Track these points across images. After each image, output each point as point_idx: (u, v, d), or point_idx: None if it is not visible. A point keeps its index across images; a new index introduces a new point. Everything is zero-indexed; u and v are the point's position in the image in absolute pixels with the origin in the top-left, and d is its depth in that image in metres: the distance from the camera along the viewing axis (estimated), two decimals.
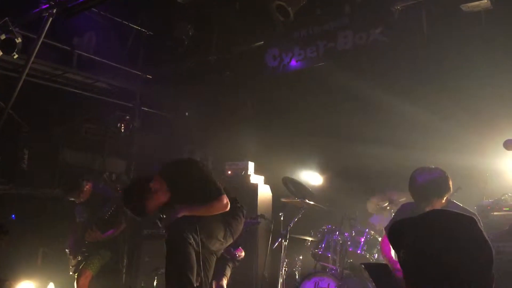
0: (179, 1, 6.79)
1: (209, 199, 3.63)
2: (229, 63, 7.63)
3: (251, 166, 6.60)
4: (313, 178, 6.43)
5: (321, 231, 5.35)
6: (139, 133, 7.73)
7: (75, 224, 5.26)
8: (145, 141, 7.69)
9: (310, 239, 5.45)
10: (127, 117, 7.49)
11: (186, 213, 3.53)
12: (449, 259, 1.34)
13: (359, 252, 5.06)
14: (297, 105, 6.89)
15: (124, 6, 7.24)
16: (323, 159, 6.47)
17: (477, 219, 1.46)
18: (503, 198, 4.23)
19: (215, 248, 3.72)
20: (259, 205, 6.23)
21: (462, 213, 1.45)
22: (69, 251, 5.20)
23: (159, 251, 3.64)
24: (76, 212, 5.26)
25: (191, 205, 3.61)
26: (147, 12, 7.72)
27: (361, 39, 6.15)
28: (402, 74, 5.95)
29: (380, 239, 4.83)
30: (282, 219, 5.45)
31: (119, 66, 7.56)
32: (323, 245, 5.21)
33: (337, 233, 5.14)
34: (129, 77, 7.81)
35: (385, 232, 3.98)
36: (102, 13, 7.12)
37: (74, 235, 5.23)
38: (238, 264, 4.71)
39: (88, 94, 7.50)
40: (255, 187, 6.39)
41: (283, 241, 5.17)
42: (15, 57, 4.66)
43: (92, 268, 5.03)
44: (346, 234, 5.12)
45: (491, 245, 1.38)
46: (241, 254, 4.60)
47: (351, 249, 5.06)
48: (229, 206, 3.71)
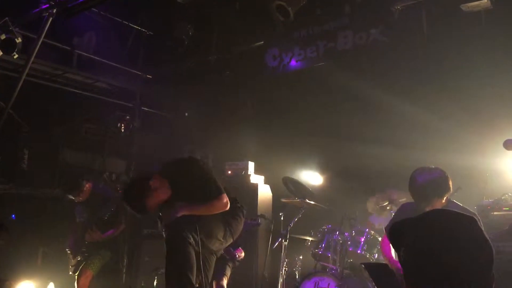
0: (179, 1, 6.79)
1: (209, 198, 3.63)
2: (229, 63, 7.63)
3: (251, 166, 6.60)
4: (313, 178, 6.43)
5: (321, 231, 5.35)
6: (139, 133, 7.73)
7: (75, 224, 5.26)
8: (145, 141, 7.68)
9: (310, 239, 5.45)
10: (127, 117, 7.49)
11: (185, 213, 3.52)
12: (449, 259, 1.34)
13: (359, 252, 5.06)
14: (297, 105, 6.88)
15: (124, 6, 7.24)
16: (323, 159, 6.47)
17: (477, 219, 1.46)
18: (503, 198, 4.23)
19: (214, 248, 3.71)
20: (259, 205, 6.23)
21: (462, 213, 1.45)
22: (69, 251, 5.20)
23: (159, 251, 3.64)
24: (76, 212, 5.26)
25: (191, 204, 3.61)
26: (147, 12, 7.72)
27: (361, 39, 6.15)
28: (402, 74, 5.95)
29: (380, 238, 4.83)
30: (282, 219, 5.45)
31: (119, 66, 7.56)
32: (323, 245, 5.21)
33: (337, 233, 5.14)
34: (129, 77, 7.80)
35: (385, 232, 3.98)
36: (102, 13, 7.12)
37: (74, 235, 5.23)
38: (238, 264, 4.72)
39: (88, 94, 7.50)
40: (255, 187, 6.39)
41: (283, 241, 5.17)
42: (15, 57, 4.66)
43: (92, 268, 5.03)
44: (346, 234, 5.12)
45: (492, 244, 1.37)
46: (240, 254, 4.60)
47: (351, 249, 5.06)
48: (229, 206, 3.71)
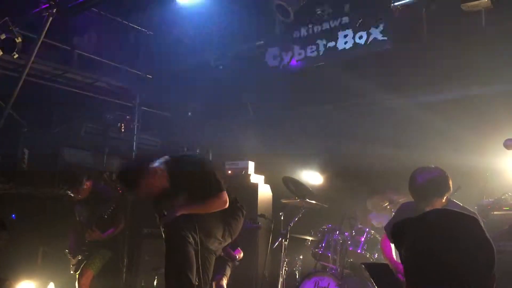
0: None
1: (209, 195, 3.63)
2: (229, 62, 7.62)
3: (251, 165, 6.60)
4: (313, 177, 6.42)
5: (321, 231, 5.35)
6: (139, 133, 7.73)
7: (75, 222, 5.26)
8: (145, 141, 7.68)
9: (310, 238, 5.45)
10: (127, 117, 7.49)
11: (184, 212, 3.52)
12: (449, 259, 1.33)
13: (359, 251, 5.05)
14: (297, 105, 6.88)
15: (124, 5, 7.24)
16: (323, 158, 6.47)
17: (478, 219, 1.45)
18: (503, 197, 4.23)
19: (213, 247, 3.70)
20: (259, 205, 6.22)
21: (463, 212, 1.44)
22: (69, 251, 5.20)
23: (159, 250, 3.63)
24: (76, 210, 5.26)
25: (189, 203, 3.61)
26: (147, 11, 7.71)
27: (361, 38, 6.15)
28: (402, 73, 5.94)
29: (380, 238, 4.83)
30: (282, 218, 5.45)
31: (119, 66, 7.56)
32: (323, 245, 5.21)
33: (337, 233, 5.13)
34: (129, 77, 7.80)
35: (385, 232, 3.98)
36: (102, 13, 7.12)
37: (74, 234, 5.23)
38: (238, 264, 4.71)
39: (88, 94, 7.50)
40: (255, 187, 6.38)
41: (283, 240, 5.17)
42: (15, 57, 4.66)
43: (93, 267, 5.03)
44: (346, 233, 5.12)
45: (493, 244, 1.37)
46: (240, 255, 4.59)
47: (351, 249, 5.06)
48: (229, 205, 3.71)
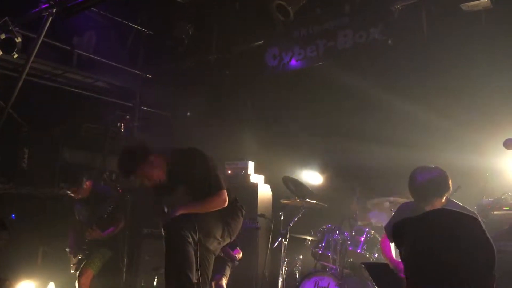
0: (179, 0, 6.79)
1: (208, 194, 3.62)
2: (229, 62, 7.63)
3: (251, 165, 6.60)
4: (313, 177, 6.42)
5: (321, 231, 5.35)
6: (139, 133, 7.72)
7: (74, 222, 5.26)
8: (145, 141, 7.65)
9: (310, 238, 5.45)
10: (127, 117, 7.48)
11: (184, 211, 3.52)
12: (449, 259, 1.33)
13: (359, 251, 5.05)
14: (297, 105, 6.88)
15: (124, 5, 7.25)
16: (323, 158, 6.46)
17: (479, 219, 1.45)
18: (503, 197, 4.22)
19: (212, 247, 3.70)
20: (259, 205, 6.22)
21: (463, 212, 1.44)
22: (69, 250, 5.20)
23: (159, 250, 3.63)
24: (75, 209, 5.26)
25: (189, 203, 3.60)
26: (147, 11, 7.72)
27: (361, 38, 6.15)
28: (402, 73, 5.94)
29: (380, 238, 4.83)
30: (282, 218, 5.45)
31: (119, 65, 7.56)
32: (323, 245, 5.21)
33: (337, 233, 5.13)
34: (129, 77, 7.80)
35: (385, 232, 3.98)
36: (102, 12, 7.12)
37: (73, 234, 5.23)
38: (237, 263, 4.71)
39: (88, 93, 7.50)
40: (255, 187, 6.38)
41: (283, 240, 5.17)
42: (15, 56, 4.65)
43: (93, 267, 5.03)
44: (346, 233, 5.12)
45: (494, 244, 1.37)
46: (239, 255, 4.60)
47: (351, 248, 5.06)
48: (229, 205, 3.71)
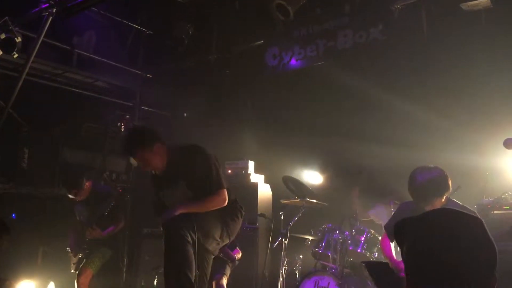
0: (179, 0, 6.78)
1: (209, 193, 3.62)
2: (229, 62, 7.62)
3: (251, 165, 6.60)
4: (313, 177, 6.43)
5: (321, 230, 5.35)
6: None
7: (75, 222, 5.26)
8: None
9: (310, 238, 5.45)
10: (127, 116, 7.48)
11: (184, 211, 3.52)
12: (449, 258, 1.33)
13: (359, 251, 5.06)
14: (297, 104, 6.87)
15: (124, 5, 7.24)
16: (323, 158, 6.47)
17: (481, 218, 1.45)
18: (503, 196, 4.23)
19: (211, 248, 3.69)
20: (259, 204, 6.23)
21: (464, 212, 1.44)
22: (69, 250, 5.20)
23: (159, 250, 3.63)
24: (76, 210, 5.27)
25: (189, 202, 3.60)
26: (147, 11, 7.71)
27: (361, 38, 6.15)
28: (402, 73, 5.94)
29: (380, 237, 4.83)
30: (282, 218, 5.45)
31: (119, 65, 7.55)
32: (323, 244, 5.21)
33: (337, 232, 5.14)
34: (129, 76, 7.79)
35: (385, 231, 3.98)
36: (102, 12, 7.11)
37: (74, 234, 5.24)
38: (237, 263, 4.71)
39: (88, 93, 7.49)
40: (255, 186, 6.38)
41: (283, 240, 5.17)
42: (15, 56, 4.65)
43: (92, 267, 5.03)
44: (346, 233, 5.12)
45: (495, 245, 1.37)
46: (238, 255, 4.60)
47: (351, 248, 5.06)
48: (229, 206, 3.71)
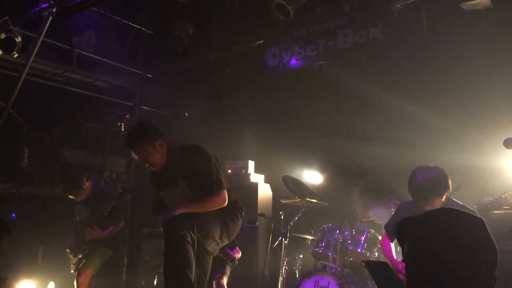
0: (179, 0, 6.78)
1: (209, 193, 3.62)
2: (229, 62, 7.62)
3: (251, 165, 6.60)
4: (313, 177, 6.43)
5: (321, 230, 5.35)
6: None
7: (75, 222, 5.26)
8: None
9: (310, 237, 5.45)
10: (127, 116, 7.48)
11: (184, 211, 3.52)
12: (449, 258, 1.33)
13: (359, 250, 5.06)
14: (297, 104, 6.87)
15: (124, 5, 7.24)
16: (323, 158, 6.47)
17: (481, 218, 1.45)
18: (503, 196, 4.24)
19: (211, 248, 3.69)
20: (259, 204, 6.23)
21: (464, 211, 1.44)
22: (69, 250, 5.20)
23: (159, 250, 3.63)
24: (76, 210, 5.26)
25: (189, 202, 3.60)
26: (147, 11, 7.70)
27: (361, 37, 6.15)
28: (402, 72, 5.94)
29: (380, 237, 4.83)
30: (282, 217, 5.46)
31: (119, 65, 7.55)
32: (323, 244, 5.21)
33: (337, 232, 5.14)
34: (129, 76, 7.79)
35: (385, 231, 3.98)
36: (102, 12, 7.11)
37: (74, 234, 5.23)
38: (237, 263, 4.72)
39: (88, 93, 7.49)
40: (255, 186, 6.38)
41: (283, 239, 5.17)
42: (15, 56, 4.64)
43: (92, 266, 5.02)
44: (346, 232, 5.12)
45: (496, 244, 1.37)
46: (238, 255, 4.60)
47: (351, 248, 5.06)
48: (229, 206, 3.71)
